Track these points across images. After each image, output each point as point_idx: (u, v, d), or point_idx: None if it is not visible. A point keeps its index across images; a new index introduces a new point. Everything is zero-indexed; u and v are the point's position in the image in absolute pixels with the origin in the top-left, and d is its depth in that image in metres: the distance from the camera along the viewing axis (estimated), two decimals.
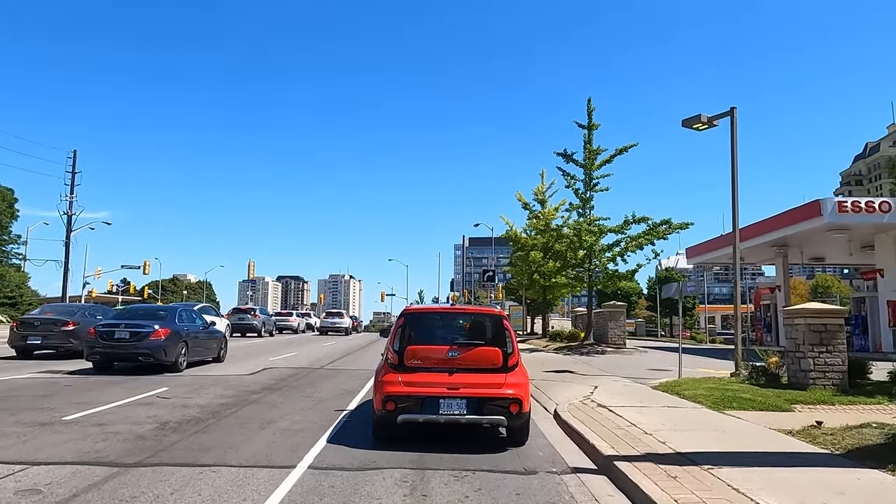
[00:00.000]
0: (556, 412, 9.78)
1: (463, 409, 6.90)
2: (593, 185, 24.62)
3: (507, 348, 7.37)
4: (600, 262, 23.73)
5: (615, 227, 23.29)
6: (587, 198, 24.57)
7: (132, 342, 14.15)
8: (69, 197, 55.65)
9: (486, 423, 7.18)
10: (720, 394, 10.76)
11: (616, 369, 16.98)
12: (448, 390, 6.93)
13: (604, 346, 23.47)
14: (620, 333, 24.92)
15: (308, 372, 15.47)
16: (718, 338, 60.54)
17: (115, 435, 7.52)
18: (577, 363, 18.86)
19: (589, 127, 24.78)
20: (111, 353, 14.35)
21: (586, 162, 24.52)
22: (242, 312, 35.65)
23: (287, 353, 22.01)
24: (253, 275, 62.47)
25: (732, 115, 15.64)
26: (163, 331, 14.37)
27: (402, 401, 6.96)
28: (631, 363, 19.29)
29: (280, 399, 10.79)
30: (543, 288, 33.26)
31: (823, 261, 38.83)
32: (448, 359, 7.17)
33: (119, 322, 14.83)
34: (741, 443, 7.32)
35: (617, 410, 9.53)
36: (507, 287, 53.94)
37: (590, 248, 23.19)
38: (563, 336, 28.14)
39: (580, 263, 24.47)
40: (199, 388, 11.79)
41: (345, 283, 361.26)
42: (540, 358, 20.66)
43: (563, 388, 12.75)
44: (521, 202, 33.44)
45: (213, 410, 9.43)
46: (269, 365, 16.99)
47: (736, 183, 15.59)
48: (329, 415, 9.35)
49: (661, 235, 22.59)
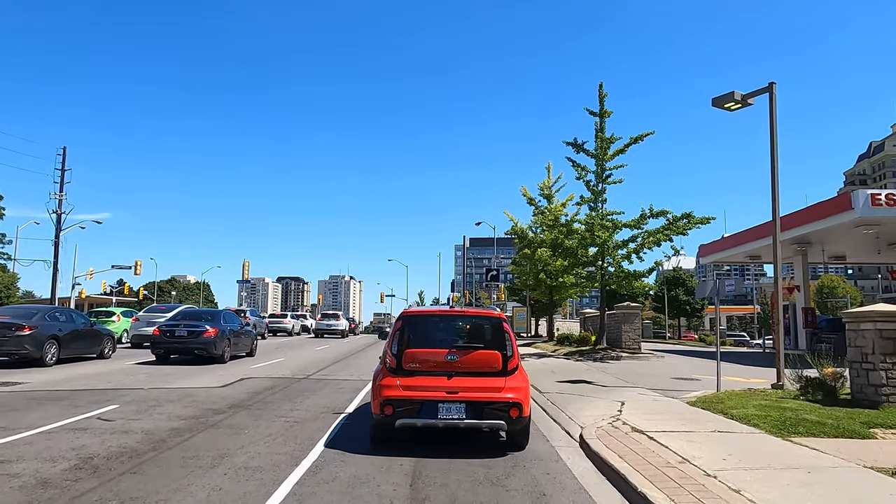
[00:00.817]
0: (582, 439, 7.96)
1: (462, 413, 6.81)
2: (606, 177, 22.79)
3: (506, 351, 7.26)
4: (614, 259, 21.88)
5: (631, 222, 21.43)
6: (599, 190, 22.74)
7: (189, 339, 17.62)
8: (58, 195, 53.68)
9: (486, 428, 7.13)
10: (777, 414, 8.93)
11: (637, 378, 15.14)
12: (447, 394, 6.85)
13: (618, 351, 21.62)
14: (635, 337, 23.07)
15: (290, 383, 13.63)
16: (728, 339, 58.74)
17: (11, 480, 5.70)
18: (591, 371, 17.02)
19: (601, 114, 22.96)
20: (172, 348, 17.75)
21: (598, 152, 22.69)
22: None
23: (273, 358, 20.17)
24: (248, 275, 60.45)
25: (771, 91, 13.82)
26: (213, 330, 17.85)
27: (400, 405, 6.84)
28: (651, 370, 17.46)
29: (247, 421, 8.96)
30: (550, 288, 31.37)
31: (844, 259, 36.97)
32: (447, 362, 7.07)
33: (179, 323, 18.36)
34: (845, 494, 5.47)
35: (658, 437, 7.70)
36: (511, 287, 52.00)
37: (603, 244, 21.35)
38: (572, 339, 26.26)
39: (592, 261, 22.62)
40: (153, 407, 9.94)
41: (345, 284, 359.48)
42: (550, 365, 18.83)
43: (583, 404, 10.92)
44: (525, 197, 31.66)
45: (159, 439, 7.60)
46: (249, 374, 15.16)
47: (775, 167, 13.76)
48: (303, 443, 7.53)
49: (680, 231, 20.75)
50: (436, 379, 6.97)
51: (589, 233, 21.05)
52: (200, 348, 17.46)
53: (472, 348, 7.30)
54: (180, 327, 17.95)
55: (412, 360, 7.11)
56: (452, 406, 6.82)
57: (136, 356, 19.89)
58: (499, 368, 7.13)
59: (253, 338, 21.47)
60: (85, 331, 17.70)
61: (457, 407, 6.82)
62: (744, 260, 36.70)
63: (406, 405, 6.84)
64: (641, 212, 21.12)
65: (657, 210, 20.82)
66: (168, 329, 17.96)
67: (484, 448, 7.41)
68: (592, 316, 29.24)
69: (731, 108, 14.44)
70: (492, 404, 6.88)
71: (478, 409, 6.84)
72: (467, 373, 7.05)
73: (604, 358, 20.34)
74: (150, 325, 23.87)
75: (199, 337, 17.49)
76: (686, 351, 30.51)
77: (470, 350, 7.25)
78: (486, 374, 7.09)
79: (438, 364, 7.07)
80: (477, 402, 6.85)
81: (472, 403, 6.84)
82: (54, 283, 54.52)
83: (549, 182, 31.98)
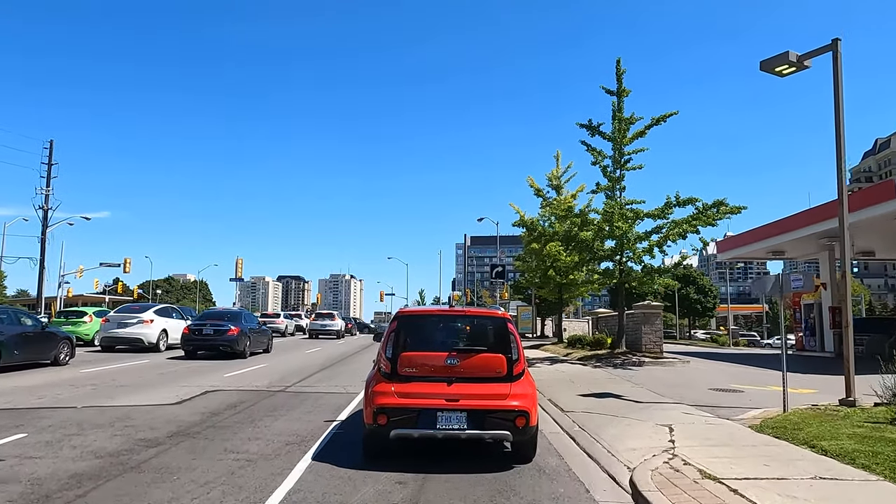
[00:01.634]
0: (636, 489, 5.77)
1: (463, 423, 6.35)
2: (624, 163, 20.56)
3: (511, 354, 6.78)
4: (634, 253, 19.64)
5: (654, 212, 19.16)
6: (617, 177, 20.50)
7: (215, 337, 19.59)
8: (45, 190, 51.85)
9: (489, 439, 6.66)
10: (891, 450, 6.71)
11: (670, 390, 12.94)
12: (446, 402, 6.40)
13: (639, 356, 19.42)
14: (656, 339, 20.84)
15: (261, 398, 11.42)
16: (741, 340, 56.55)
17: None
18: (615, 380, 14.81)
19: (619, 93, 20.72)
20: (200, 345, 19.84)
21: (616, 134, 20.46)
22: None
23: (254, 364, 17.98)
24: (241, 273, 57.79)
25: (835, 49, 11.60)
26: (235, 329, 19.81)
27: (395, 414, 6.37)
28: (682, 379, 15.24)
29: (184, 459, 6.74)
30: (559, 286, 29.14)
31: (873, 255, 34.63)
32: (446, 367, 6.61)
33: (205, 322, 20.22)
34: None
35: (745, 490, 5.50)
36: (516, 285, 49.71)
37: (622, 236, 19.12)
38: (585, 342, 24.01)
39: (609, 256, 20.37)
40: (70, 437, 7.71)
41: (345, 283, 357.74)
42: (566, 372, 16.61)
43: (621, 428, 8.70)
44: (532, 188, 29.35)
45: (43, 495, 5.40)
46: (217, 385, 12.96)
47: (841, 137, 11.56)
48: (249, 497, 5.34)
49: (709, 221, 18.50)
50: (434, 385, 6.50)
51: (607, 223, 18.80)
52: (225, 345, 19.57)
53: (473, 351, 6.80)
54: (207, 326, 20.00)
55: (408, 364, 6.64)
56: (452, 415, 6.34)
57: (99, 362, 17.71)
58: (503, 373, 6.64)
59: (269, 335, 23.81)
60: (35, 334, 15.53)
61: (457, 416, 6.34)
62: (765, 256, 34.43)
63: (402, 414, 6.35)
64: (667, 199, 18.87)
65: (684, 197, 18.57)
66: (196, 328, 20.17)
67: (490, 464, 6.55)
68: (606, 316, 27.00)
69: (782, 72, 12.32)
70: (496, 413, 6.40)
71: (480, 418, 6.37)
72: (469, 378, 6.56)
73: (625, 364, 18.13)
74: (122, 325, 21.73)
75: (223, 335, 19.61)
76: (707, 354, 28.30)
77: (471, 353, 6.76)
78: (490, 379, 6.59)
79: (437, 369, 6.60)
80: (479, 411, 6.38)
81: (474, 412, 6.36)
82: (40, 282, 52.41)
83: (559, 172, 29.71)
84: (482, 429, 6.36)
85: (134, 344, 21.59)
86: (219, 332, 19.59)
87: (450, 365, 6.59)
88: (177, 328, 23.69)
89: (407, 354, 6.69)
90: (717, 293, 67.63)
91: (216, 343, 19.51)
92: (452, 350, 6.77)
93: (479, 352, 6.80)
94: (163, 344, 22.10)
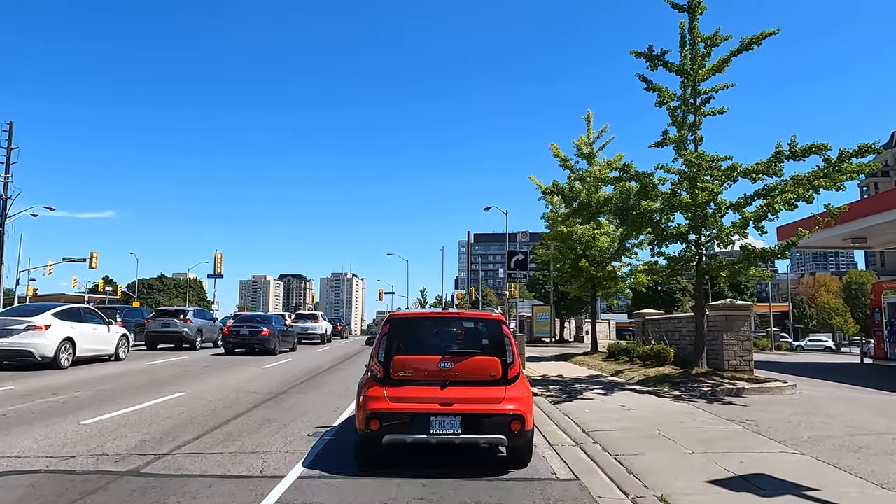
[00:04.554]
0: None
1: (457, 427, 6.17)
2: (700, 104, 14.63)
3: (506, 357, 6.61)
4: (720, 231, 13.65)
5: (756, 166, 13.08)
6: (692, 123, 14.56)
7: (251, 336, 23.57)
8: (4, 177, 46.23)
9: (484, 443, 6.41)
10: None
11: (838, 453, 7.05)
12: (440, 406, 6.22)
13: (727, 377, 13.48)
14: (744, 353, 14.87)
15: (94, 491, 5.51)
16: (783, 344, 50.43)
17: None
18: (733, 431, 8.88)
19: (690, 8, 14.79)
20: (238, 343, 23.68)
21: (688, 65, 14.54)
22: (168, 316, 25.71)
23: (170, 392, 12.16)
24: (220, 269, 51.45)
25: None
26: (267, 330, 23.86)
27: (387, 419, 6.20)
28: (828, 423, 9.32)
29: None
30: (593, 280, 23.12)
31: None
32: (440, 370, 6.43)
33: (242, 324, 24.33)
34: None
35: None
36: (531, 281, 43.55)
37: (706, 204, 13.17)
38: (636, 354, 17.92)
39: (681, 235, 14.36)
40: None
41: (347, 282, 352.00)
42: (641, 412, 10.55)
43: None
44: (558, 158, 23.51)
45: None
46: (45, 445, 7.06)
47: None
48: None
49: (836, 183, 12.45)
50: (428, 389, 6.34)
51: (689, 182, 12.79)
52: (259, 344, 23.20)
53: (467, 354, 6.65)
54: (243, 328, 23.74)
55: (401, 368, 6.48)
56: (446, 419, 6.17)
57: None
58: (498, 377, 6.45)
59: (294, 336, 27.82)
60: None
61: (451, 420, 6.17)
62: (841, 244, 28.55)
63: (394, 419, 6.20)
64: (776, 148, 12.77)
65: (804, 145, 12.50)
66: (234, 329, 23.87)
67: None
68: (659, 319, 20.87)
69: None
70: (491, 417, 6.26)
71: (475, 422, 6.21)
72: (463, 382, 6.39)
73: (716, 392, 12.16)
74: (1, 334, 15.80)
75: (258, 335, 23.22)
76: (775, 364, 22.31)
77: (465, 356, 6.59)
78: (484, 383, 6.44)
79: (430, 372, 6.44)
80: (474, 415, 6.22)
81: (468, 416, 6.20)
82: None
83: (590, 137, 23.75)
84: (477, 433, 6.21)
85: (19, 359, 15.71)
86: (254, 333, 23.32)
87: (443, 368, 6.44)
88: (93, 336, 17.88)
89: (399, 358, 6.53)
90: (753, 291, 61.43)
91: (252, 342, 23.26)
92: (446, 353, 6.60)
93: (473, 355, 6.68)
94: (65, 358, 16.24)
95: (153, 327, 25.49)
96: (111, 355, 19.02)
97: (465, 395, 6.29)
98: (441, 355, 6.53)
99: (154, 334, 25.37)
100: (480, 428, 6.19)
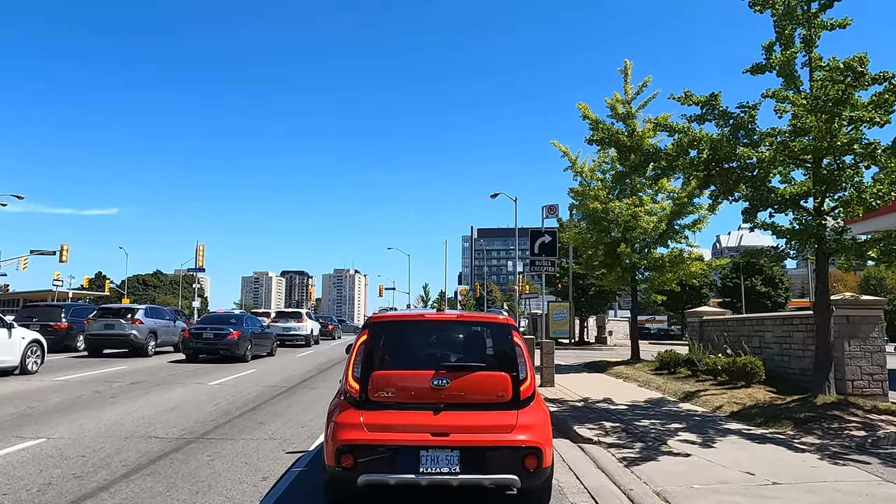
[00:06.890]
0: None
1: (455, 464, 4.76)
2: (815, 13, 10.14)
3: (518, 373, 5.12)
4: (860, 192, 9.15)
5: None
6: (807, 38, 10.07)
7: (215, 340, 19.92)
8: None
9: (490, 484, 4.91)
10: None
11: None
12: (433, 436, 4.83)
13: (861, 408, 9.05)
14: (876, 370, 10.39)
15: None
16: None
17: None
18: None
19: None
20: (200, 349, 20.12)
21: None
22: (112, 315, 21.25)
23: (27, 438, 7.80)
24: (202, 262, 46.83)
25: None
26: (235, 332, 20.17)
27: (364, 453, 4.78)
28: None
29: None
30: (632, 269, 18.59)
31: None
32: (432, 389, 4.99)
33: (206, 326, 20.85)
34: None
35: None
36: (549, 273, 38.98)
37: (846, 148, 8.72)
38: (702, 367, 13.32)
39: (799, 196, 9.80)
40: None
41: (350, 278, 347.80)
42: (773, 477, 6.18)
43: None
44: (587, 120, 18.96)
45: None
46: None
47: None
48: None
49: None
50: (417, 414, 4.94)
51: (812, 115, 8.35)
52: (225, 349, 19.79)
53: (468, 369, 5.17)
54: (207, 330, 20.30)
55: (383, 386, 5.04)
56: (441, 454, 4.78)
57: None
58: (507, 398, 5.02)
59: (273, 338, 23.98)
60: None
61: (447, 456, 4.77)
62: None
63: (373, 453, 4.80)
64: None
65: None
66: (196, 332, 20.47)
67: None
68: (722, 320, 16.31)
69: None
70: (498, 451, 4.81)
71: (477, 457, 4.78)
72: (462, 405, 5.00)
73: (878, 439, 7.68)
74: None
75: (223, 339, 19.86)
76: None
77: (466, 371, 5.13)
78: (490, 406, 5.01)
79: (420, 392, 5.01)
80: (476, 448, 4.79)
81: (468, 450, 4.78)
82: None
83: (628, 94, 19.29)
84: (481, 472, 4.78)
85: None
86: (218, 336, 19.94)
87: (437, 387, 5.01)
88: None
89: (381, 374, 5.11)
90: (788, 285, 56.70)
91: (216, 347, 19.86)
92: (441, 368, 5.15)
93: (475, 369, 5.18)
94: None
95: (94, 329, 20.99)
96: (14, 367, 14.67)
97: (464, 421, 4.94)
98: (434, 370, 5.14)
99: (94, 338, 20.96)
100: (485, 465, 4.80)
